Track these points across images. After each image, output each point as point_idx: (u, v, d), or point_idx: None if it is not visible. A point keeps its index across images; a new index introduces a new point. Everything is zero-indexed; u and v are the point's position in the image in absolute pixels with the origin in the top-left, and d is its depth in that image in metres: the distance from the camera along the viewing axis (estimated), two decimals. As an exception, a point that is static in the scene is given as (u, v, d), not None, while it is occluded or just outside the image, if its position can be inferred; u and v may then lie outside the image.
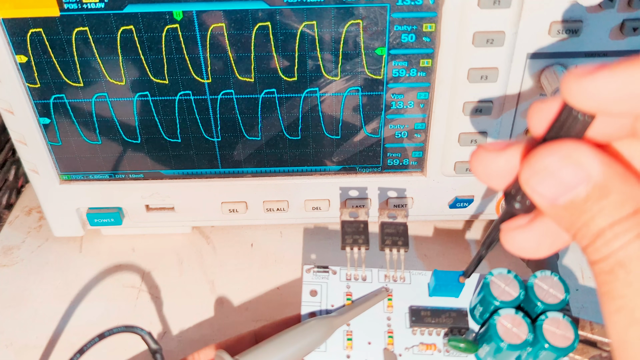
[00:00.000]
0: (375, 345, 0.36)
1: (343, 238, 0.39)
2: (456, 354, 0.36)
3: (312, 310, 0.37)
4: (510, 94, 0.42)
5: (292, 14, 0.40)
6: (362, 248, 0.39)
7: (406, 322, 0.37)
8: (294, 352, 0.34)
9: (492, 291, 0.34)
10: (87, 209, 0.50)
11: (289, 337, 0.35)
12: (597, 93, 0.20)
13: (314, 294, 0.38)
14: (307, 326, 0.35)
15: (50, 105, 0.44)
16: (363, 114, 0.45)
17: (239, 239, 0.54)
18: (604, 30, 0.39)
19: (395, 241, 0.39)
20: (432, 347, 0.36)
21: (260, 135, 0.46)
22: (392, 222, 0.40)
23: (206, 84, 0.43)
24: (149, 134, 0.46)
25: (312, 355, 0.35)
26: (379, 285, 0.38)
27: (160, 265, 0.52)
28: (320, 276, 0.39)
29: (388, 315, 0.37)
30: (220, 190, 0.49)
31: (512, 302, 0.34)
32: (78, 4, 0.39)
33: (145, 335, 0.39)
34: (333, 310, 0.37)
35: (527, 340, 0.33)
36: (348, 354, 0.36)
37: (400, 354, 0.36)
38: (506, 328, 0.33)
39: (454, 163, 0.46)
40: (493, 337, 0.33)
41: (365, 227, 0.39)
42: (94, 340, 0.39)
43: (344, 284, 0.38)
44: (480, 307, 0.36)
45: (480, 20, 0.38)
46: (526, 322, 0.33)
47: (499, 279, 0.35)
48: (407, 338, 0.36)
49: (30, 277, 0.51)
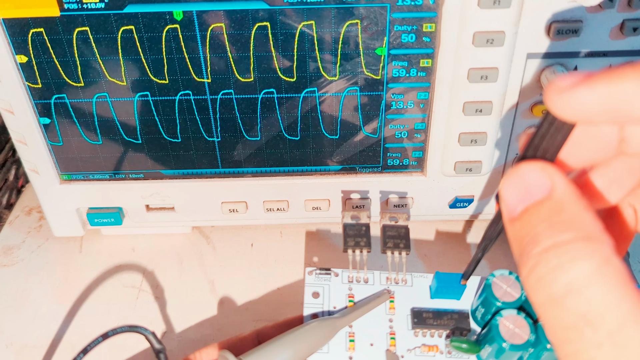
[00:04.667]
0: (378, 347, 0.36)
1: (345, 241, 0.39)
2: (458, 356, 0.36)
3: (314, 312, 0.37)
4: (510, 94, 0.42)
5: (292, 14, 0.40)
6: (364, 251, 0.39)
7: (408, 324, 0.37)
8: (297, 353, 0.35)
9: (493, 292, 0.34)
10: (87, 209, 0.50)
11: (292, 338, 0.35)
12: (579, 104, 0.21)
13: (316, 296, 0.38)
14: (309, 327, 0.35)
15: (50, 105, 0.44)
16: (363, 114, 0.45)
17: (239, 239, 0.54)
18: (604, 30, 0.39)
19: (397, 244, 0.39)
20: (434, 349, 0.36)
21: (260, 135, 0.46)
22: (394, 225, 0.40)
23: (206, 84, 0.43)
24: (149, 134, 0.46)
25: (314, 357, 0.35)
26: (381, 288, 0.38)
27: (161, 265, 0.52)
28: (322, 278, 0.39)
29: (390, 317, 0.37)
30: (220, 190, 0.49)
31: (514, 303, 0.34)
32: (78, 4, 0.39)
33: (149, 335, 0.39)
34: (335, 312, 0.37)
35: (530, 340, 0.33)
36: (350, 355, 0.36)
37: (402, 355, 0.36)
38: (508, 329, 0.33)
39: (454, 163, 0.46)
40: (495, 337, 0.33)
41: (367, 230, 0.39)
42: (97, 340, 0.39)
43: (346, 286, 0.38)
44: (482, 309, 0.36)
45: (480, 20, 0.38)
46: (528, 322, 0.33)
47: (501, 280, 0.35)
48: (409, 340, 0.36)
49: (30, 277, 0.51)
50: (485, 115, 0.43)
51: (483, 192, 0.49)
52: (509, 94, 0.42)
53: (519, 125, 0.44)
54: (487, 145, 0.44)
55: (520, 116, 0.44)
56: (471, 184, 0.48)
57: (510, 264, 0.50)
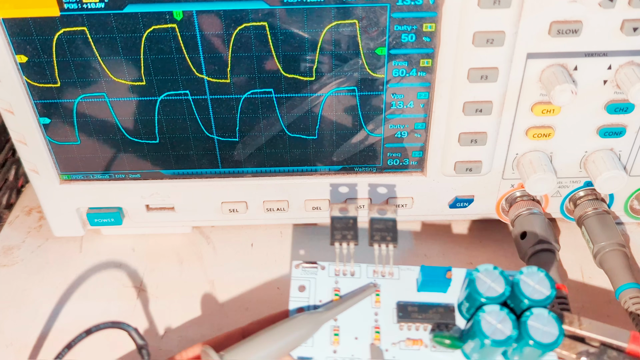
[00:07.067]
0: (362, 341, 0.36)
1: (332, 234, 0.39)
2: (442, 350, 0.36)
3: (300, 306, 0.37)
4: (510, 94, 0.42)
5: (292, 14, 0.40)
6: (351, 244, 0.39)
7: (394, 318, 0.37)
8: (280, 346, 0.35)
9: (477, 287, 0.34)
10: (87, 209, 0.50)
11: (275, 332, 0.35)
12: None
13: (302, 289, 0.38)
14: (294, 321, 0.36)
15: (50, 105, 0.44)
16: (363, 114, 0.45)
17: (239, 239, 0.54)
18: (604, 30, 0.39)
19: (384, 237, 0.39)
20: (418, 343, 0.36)
21: (260, 135, 0.46)
22: (382, 217, 0.40)
23: (206, 84, 0.43)
24: (149, 134, 0.46)
25: (299, 350, 0.36)
26: (368, 281, 0.38)
27: (160, 265, 0.52)
28: (309, 272, 0.39)
29: (376, 311, 0.37)
30: (220, 190, 0.49)
31: (498, 297, 0.34)
32: (78, 4, 0.39)
33: (131, 331, 0.39)
34: (321, 306, 0.37)
35: (511, 336, 0.33)
36: (335, 349, 0.36)
37: (386, 349, 0.36)
38: (491, 324, 0.33)
39: (454, 163, 0.46)
40: (477, 333, 0.33)
41: (354, 223, 0.39)
42: (81, 335, 0.39)
43: (332, 280, 0.39)
44: (466, 303, 0.36)
45: (480, 20, 0.38)
46: (510, 318, 0.33)
47: (485, 275, 0.35)
48: (394, 333, 0.36)
49: (30, 277, 0.51)
50: (485, 115, 0.43)
51: (483, 192, 0.49)
52: (509, 94, 0.42)
53: (519, 125, 0.44)
54: (487, 145, 0.44)
55: (520, 116, 0.44)
56: (471, 184, 0.48)
57: (496, 259, 0.50)
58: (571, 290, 0.48)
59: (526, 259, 0.46)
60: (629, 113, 0.43)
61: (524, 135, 0.45)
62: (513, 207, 0.49)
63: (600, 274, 0.46)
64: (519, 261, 0.47)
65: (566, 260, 0.50)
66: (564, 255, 0.50)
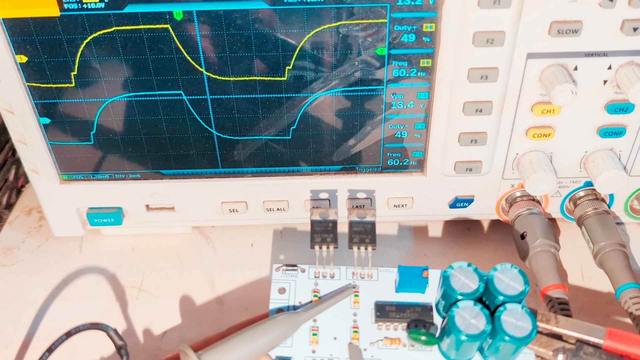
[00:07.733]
0: (341, 340, 0.37)
1: (312, 237, 0.40)
2: (420, 348, 0.36)
3: (279, 307, 0.38)
4: (510, 94, 0.42)
5: (292, 14, 0.40)
6: (331, 246, 0.40)
7: (372, 318, 0.38)
8: (258, 346, 0.35)
9: (452, 284, 0.35)
10: (87, 209, 0.50)
11: (254, 332, 0.36)
12: None
13: (282, 291, 0.39)
14: (273, 321, 0.36)
15: (50, 105, 0.44)
16: (363, 114, 0.45)
17: (239, 239, 0.54)
18: (604, 30, 0.39)
19: (363, 239, 0.40)
20: (396, 342, 0.37)
21: (260, 135, 0.46)
22: (361, 221, 0.40)
23: (206, 84, 0.43)
24: (149, 134, 0.46)
25: (277, 350, 0.36)
26: (347, 283, 0.39)
27: (161, 265, 0.52)
28: (289, 274, 0.40)
29: (354, 312, 0.38)
30: (220, 190, 0.49)
31: (473, 294, 0.35)
32: (78, 4, 0.39)
33: (110, 332, 0.40)
34: (300, 307, 0.38)
35: (485, 330, 0.33)
36: (313, 349, 0.36)
37: (365, 348, 0.37)
38: (464, 319, 0.34)
39: (454, 163, 0.46)
40: (452, 328, 0.34)
41: (334, 226, 0.40)
42: (61, 338, 0.40)
43: (312, 282, 0.39)
44: (442, 301, 0.36)
45: (480, 20, 0.38)
46: (484, 313, 0.34)
47: (459, 272, 0.36)
48: (372, 333, 0.37)
49: (30, 277, 0.51)
50: (485, 115, 0.43)
51: (483, 192, 0.49)
52: (509, 94, 0.42)
53: (519, 125, 0.44)
54: (487, 145, 0.44)
55: (520, 116, 0.44)
56: (471, 184, 0.48)
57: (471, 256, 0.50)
58: (571, 291, 0.48)
59: (526, 259, 0.46)
60: (629, 113, 0.43)
61: (524, 135, 0.45)
62: (513, 207, 0.49)
63: (600, 274, 0.46)
64: (519, 261, 0.47)
65: (566, 260, 0.50)
66: (564, 255, 0.50)
